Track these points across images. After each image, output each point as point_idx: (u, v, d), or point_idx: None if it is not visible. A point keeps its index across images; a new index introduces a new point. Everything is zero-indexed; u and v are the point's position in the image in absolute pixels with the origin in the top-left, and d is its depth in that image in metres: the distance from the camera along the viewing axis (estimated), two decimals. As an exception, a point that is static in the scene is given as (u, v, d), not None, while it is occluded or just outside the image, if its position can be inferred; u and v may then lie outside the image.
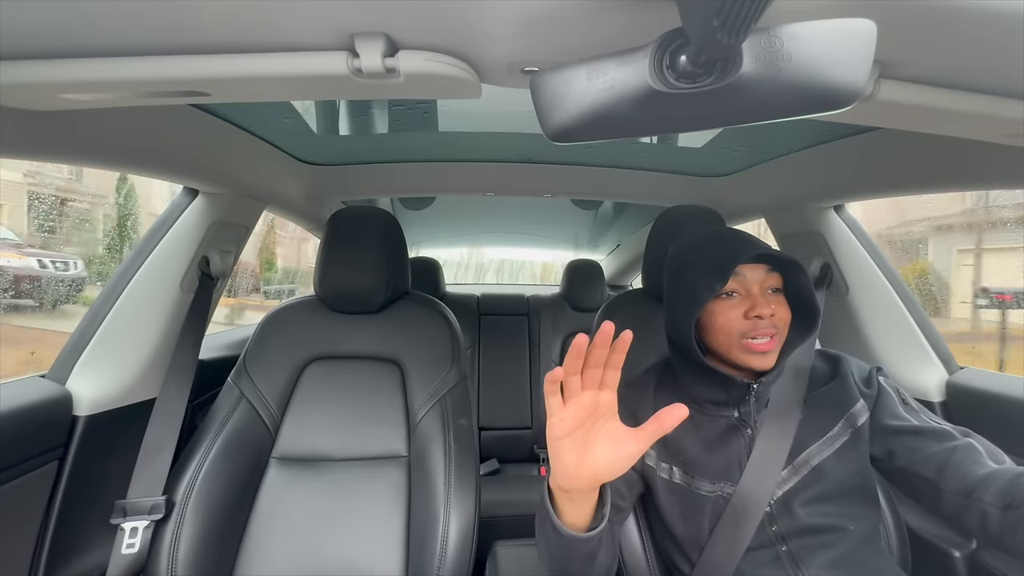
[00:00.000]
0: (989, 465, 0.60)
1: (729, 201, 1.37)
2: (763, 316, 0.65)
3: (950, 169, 0.83)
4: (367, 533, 0.90)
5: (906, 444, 0.67)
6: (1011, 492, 0.56)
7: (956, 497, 0.60)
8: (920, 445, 0.65)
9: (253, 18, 0.42)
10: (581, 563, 0.59)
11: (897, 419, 0.69)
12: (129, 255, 0.98)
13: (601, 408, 0.48)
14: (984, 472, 0.59)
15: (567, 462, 0.48)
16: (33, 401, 0.76)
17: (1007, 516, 0.55)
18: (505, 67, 0.49)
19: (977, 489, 0.58)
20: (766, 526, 0.67)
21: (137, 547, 0.79)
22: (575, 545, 0.55)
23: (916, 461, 0.65)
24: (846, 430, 0.70)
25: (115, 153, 0.76)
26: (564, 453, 0.48)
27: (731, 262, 0.65)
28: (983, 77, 0.49)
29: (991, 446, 0.64)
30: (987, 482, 0.58)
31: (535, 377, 2.04)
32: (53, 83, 0.50)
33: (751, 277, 0.67)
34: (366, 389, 1.01)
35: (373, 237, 1.02)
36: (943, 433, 0.65)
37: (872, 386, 0.73)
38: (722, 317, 0.67)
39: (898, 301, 1.10)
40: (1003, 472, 0.58)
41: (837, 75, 0.35)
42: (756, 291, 0.67)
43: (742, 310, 0.66)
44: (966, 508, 0.59)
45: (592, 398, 0.47)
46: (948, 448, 0.63)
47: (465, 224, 2.36)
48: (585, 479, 0.49)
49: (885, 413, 0.70)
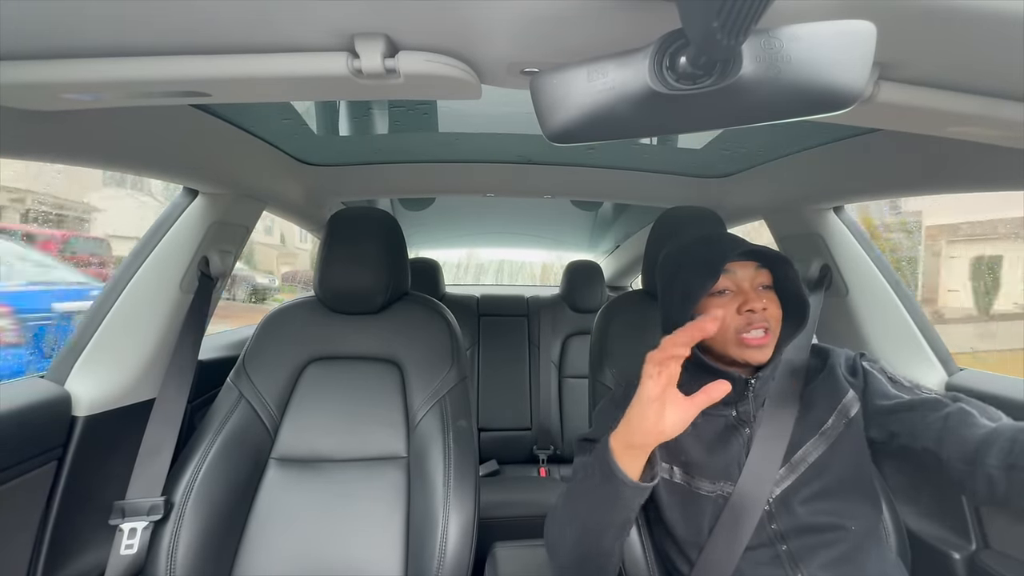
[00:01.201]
0: (985, 425, 0.60)
1: (729, 202, 1.37)
2: (755, 309, 0.67)
3: (950, 171, 0.83)
4: (366, 534, 0.90)
5: (903, 421, 0.67)
6: (1012, 451, 0.55)
7: (960, 465, 0.60)
8: (916, 419, 0.65)
9: (253, 18, 0.42)
10: (616, 532, 0.61)
11: (889, 399, 0.69)
12: (129, 255, 0.98)
13: (673, 379, 0.56)
14: (981, 433, 0.59)
15: (650, 420, 0.56)
16: (32, 401, 0.76)
17: (1012, 477, 0.55)
18: (505, 68, 0.49)
19: (978, 453, 0.58)
20: (765, 525, 0.67)
21: (136, 548, 0.79)
22: (633, 497, 0.59)
23: (916, 436, 0.65)
24: (840, 422, 0.70)
25: (115, 153, 0.76)
26: (650, 413, 0.55)
27: (721, 260, 0.67)
28: (983, 79, 0.49)
29: (984, 405, 0.64)
30: (987, 444, 0.58)
31: (534, 378, 2.03)
32: (53, 83, 0.50)
33: (741, 274, 0.70)
34: (365, 390, 1.01)
35: (373, 238, 1.02)
36: (935, 403, 0.65)
37: (858, 374, 0.74)
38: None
39: (897, 302, 1.10)
40: (1001, 431, 0.58)
41: (837, 77, 0.35)
42: (747, 287, 0.69)
43: (735, 306, 0.68)
44: (972, 475, 0.59)
45: (674, 369, 0.55)
46: (942, 417, 0.63)
47: (465, 225, 2.36)
48: (656, 436, 0.56)
49: (876, 395, 0.70)
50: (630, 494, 0.59)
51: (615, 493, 0.59)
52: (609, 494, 0.59)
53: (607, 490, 0.59)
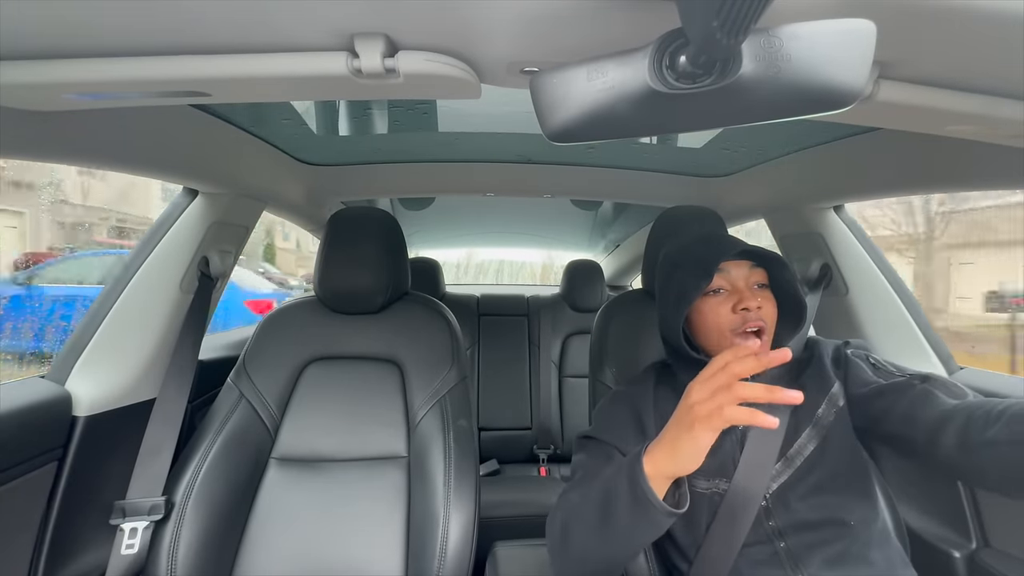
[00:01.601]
0: (945, 403, 0.60)
1: (729, 201, 1.37)
2: (750, 308, 0.67)
3: (950, 170, 0.83)
4: (367, 534, 0.90)
5: (880, 407, 0.67)
6: (967, 430, 0.55)
7: (923, 446, 0.60)
8: (890, 404, 0.65)
9: (253, 18, 0.42)
10: (632, 553, 0.62)
11: (867, 385, 0.69)
12: (129, 255, 0.98)
13: (729, 422, 0.53)
14: (940, 412, 0.59)
15: (704, 447, 0.53)
16: (32, 401, 0.76)
17: (965, 458, 0.55)
18: (505, 67, 0.49)
19: (936, 432, 0.58)
20: (763, 521, 0.67)
21: (136, 548, 0.79)
22: (665, 522, 0.57)
23: (891, 421, 0.65)
24: (830, 412, 0.70)
25: (115, 153, 0.76)
26: (706, 439, 0.53)
27: (715, 260, 0.68)
28: (983, 78, 0.49)
29: (951, 383, 0.64)
30: (943, 423, 0.58)
31: (535, 377, 2.03)
32: (54, 83, 0.50)
33: (736, 273, 0.70)
34: (366, 389, 1.01)
35: (373, 238, 1.02)
36: (904, 385, 0.65)
37: (841, 363, 0.74)
38: (711, 314, 0.69)
39: (898, 301, 1.10)
40: (959, 410, 0.58)
41: (837, 75, 0.35)
42: (742, 286, 0.69)
43: (729, 305, 0.68)
44: (934, 455, 0.59)
45: (730, 414, 0.53)
46: (909, 398, 0.63)
47: (465, 225, 2.36)
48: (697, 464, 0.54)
49: (857, 384, 0.70)
50: (662, 520, 0.56)
51: (645, 517, 0.56)
52: (638, 516, 0.57)
53: (636, 513, 0.57)
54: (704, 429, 0.52)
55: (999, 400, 0.56)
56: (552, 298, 2.14)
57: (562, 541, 0.64)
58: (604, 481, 0.62)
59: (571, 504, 0.66)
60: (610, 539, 0.60)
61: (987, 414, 0.55)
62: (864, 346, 0.77)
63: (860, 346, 0.77)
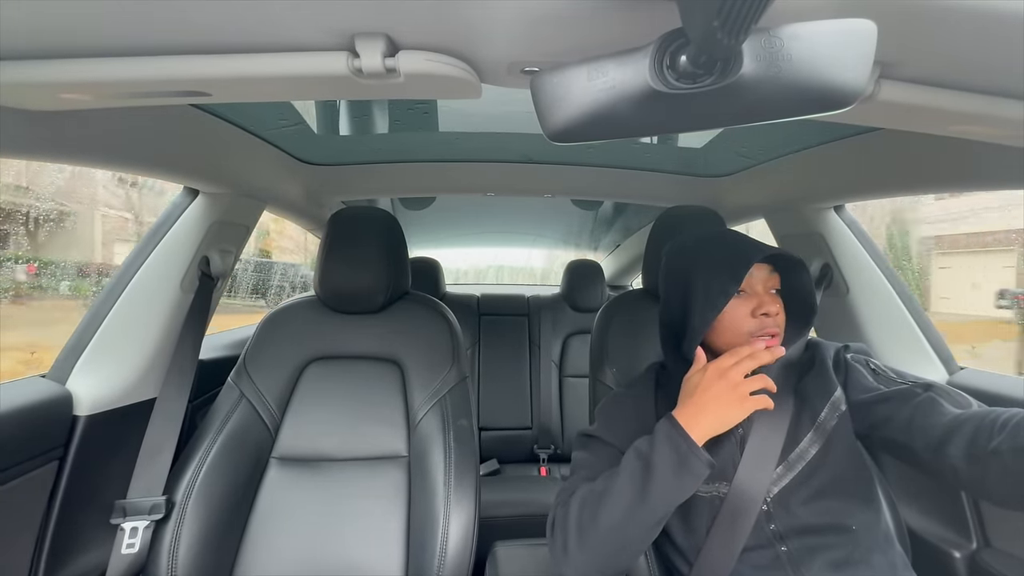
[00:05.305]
0: (950, 412, 0.60)
1: (729, 201, 1.37)
2: (770, 314, 0.67)
3: (950, 170, 0.83)
4: (367, 533, 0.90)
5: (881, 414, 0.66)
6: (974, 441, 0.55)
7: (926, 455, 0.60)
8: (892, 411, 0.65)
9: (253, 18, 0.42)
10: (658, 524, 0.62)
11: (868, 392, 0.69)
12: (129, 255, 0.98)
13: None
14: (946, 422, 0.59)
15: (732, 421, 0.61)
16: (33, 401, 0.76)
17: (974, 469, 0.55)
18: (505, 67, 0.49)
19: (942, 443, 0.58)
20: (763, 525, 0.67)
21: (137, 547, 0.79)
22: (702, 474, 0.60)
23: (892, 428, 0.65)
24: (832, 416, 0.70)
25: (115, 153, 0.76)
26: (736, 415, 0.61)
27: (745, 264, 0.66)
28: (983, 77, 0.49)
29: (955, 393, 0.64)
30: (950, 433, 0.58)
31: (535, 377, 2.03)
32: (53, 83, 0.50)
33: (757, 276, 0.69)
34: (366, 389, 1.01)
35: (373, 237, 1.02)
36: (907, 393, 0.65)
37: (841, 368, 0.73)
38: (730, 316, 0.68)
39: (898, 301, 1.10)
40: (966, 419, 0.58)
41: (837, 75, 0.35)
42: (761, 290, 0.69)
43: (749, 308, 0.68)
44: (939, 465, 0.59)
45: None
46: (912, 407, 0.63)
47: (465, 224, 2.36)
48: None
49: (857, 389, 0.70)
50: (703, 470, 0.60)
51: (686, 468, 0.59)
52: (682, 471, 0.59)
53: (679, 467, 0.59)
54: (737, 407, 0.61)
55: (1004, 410, 0.57)
56: (552, 298, 2.14)
57: (578, 534, 0.62)
58: (635, 452, 0.64)
59: (588, 493, 0.64)
60: (644, 510, 0.60)
61: (992, 424, 0.55)
62: (864, 351, 0.77)
63: (860, 351, 0.76)
